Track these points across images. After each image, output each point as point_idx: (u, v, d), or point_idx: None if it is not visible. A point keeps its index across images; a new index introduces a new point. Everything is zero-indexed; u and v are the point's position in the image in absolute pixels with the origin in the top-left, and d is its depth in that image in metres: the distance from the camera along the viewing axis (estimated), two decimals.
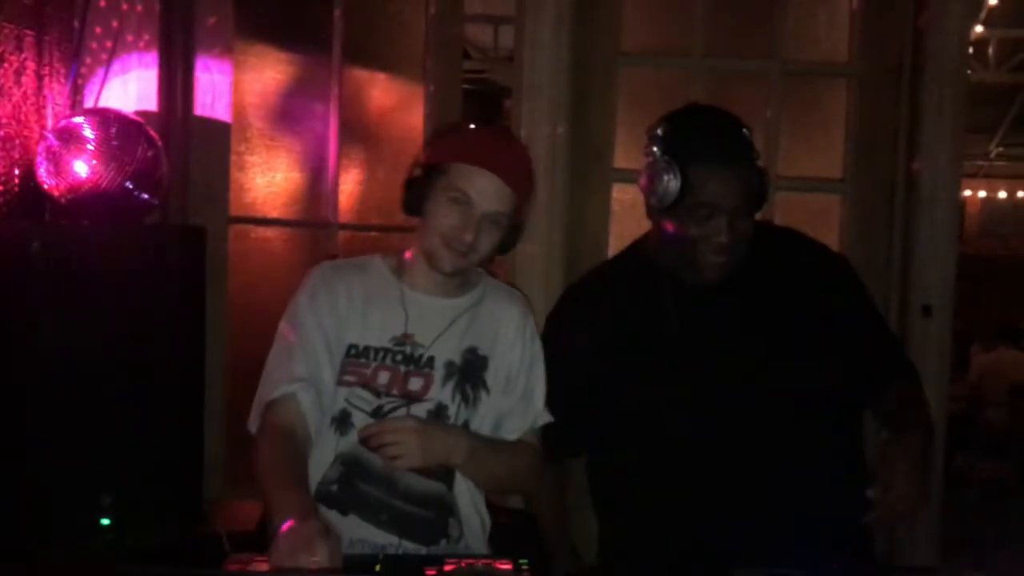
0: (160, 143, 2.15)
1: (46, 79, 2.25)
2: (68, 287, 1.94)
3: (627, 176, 2.81)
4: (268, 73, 2.89)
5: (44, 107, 2.24)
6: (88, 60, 2.32)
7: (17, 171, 2.13)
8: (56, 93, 2.29)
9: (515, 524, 1.88)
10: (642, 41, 2.97)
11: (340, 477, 1.68)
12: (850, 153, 2.96)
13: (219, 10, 2.61)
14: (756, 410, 1.78)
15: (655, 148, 1.77)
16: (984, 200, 13.04)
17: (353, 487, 1.67)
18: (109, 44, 2.32)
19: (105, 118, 2.08)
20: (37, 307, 1.94)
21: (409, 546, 1.65)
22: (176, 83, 2.53)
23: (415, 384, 1.69)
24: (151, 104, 2.40)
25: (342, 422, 1.69)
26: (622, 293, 1.92)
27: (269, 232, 2.94)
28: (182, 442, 2.09)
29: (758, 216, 1.86)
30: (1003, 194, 13.01)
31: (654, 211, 1.82)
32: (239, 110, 2.77)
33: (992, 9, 6.56)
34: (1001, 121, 9.69)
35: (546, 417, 1.78)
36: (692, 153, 1.73)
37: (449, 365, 1.71)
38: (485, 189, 1.66)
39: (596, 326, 1.89)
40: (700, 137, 1.78)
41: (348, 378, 1.70)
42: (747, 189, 1.76)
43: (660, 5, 3.11)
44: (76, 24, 2.32)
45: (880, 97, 2.93)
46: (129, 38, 2.36)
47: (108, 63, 2.31)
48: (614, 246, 2.81)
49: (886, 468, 1.65)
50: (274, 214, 2.94)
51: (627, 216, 2.88)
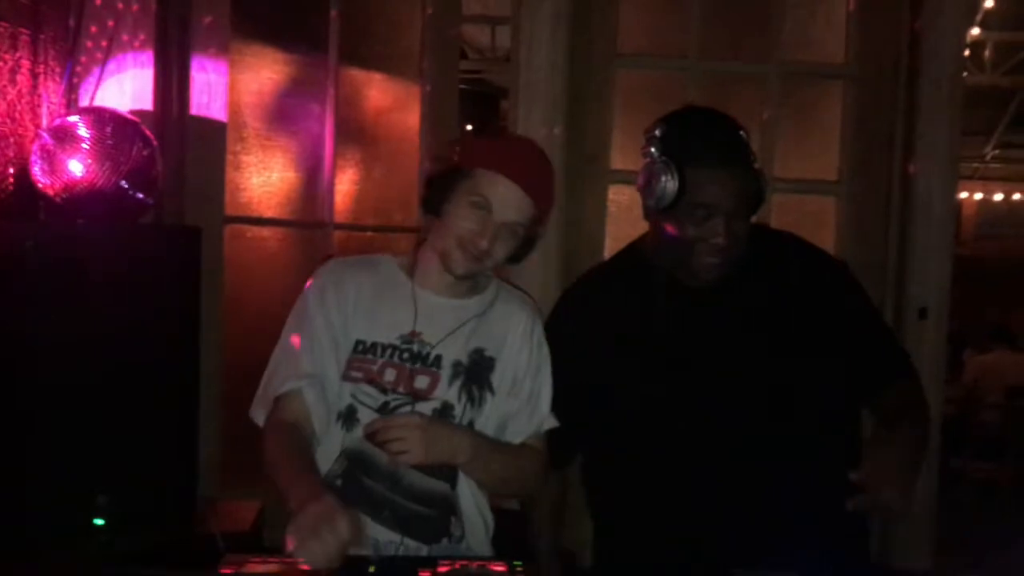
0: (155, 142, 2.14)
1: (41, 78, 2.25)
2: (62, 287, 1.93)
3: (623, 177, 2.82)
4: (264, 73, 2.89)
5: (39, 106, 2.24)
6: (84, 59, 2.31)
7: (11, 170, 2.12)
8: (51, 92, 2.28)
9: (506, 524, 1.87)
10: (638, 43, 2.98)
11: (344, 472, 1.68)
12: (846, 155, 2.97)
13: (215, 9, 2.61)
14: (752, 411, 1.78)
15: (653, 149, 1.77)
16: (980, 202, 13.04)
17: (357, 482, 1.67)
18: (105, 43, 2.31)
19: (100, 117, 2.07)
20: (31, 306, 1.92)
21: (411, 544, 1.65)
22: (172, 82, 2.53)
23: (421, 382, 1.69)
24: (147, 103, 2.39)
25: (348, 418, 1.69)
26: (618, 294, 1.92)
27: (264, 232, 2.94)
28: (177, 442, 2.09)
29: (754, 218, 1.86)
30: (999, 196, 13.01)
31: (651, 212, 1.82)
32: (235, 109, 2.77)
33: (988, 12, 6.57)
34: (997, 123, 9.69)
35: (551, 422, 1.78)
36: (690, 154, 1.73)
37: (456, 365, 1.71)
38: (507, 198, 1.67)
39: (592, 327, 1.89)
40: (698, 138, 1.77)
41: (355, 374, 1.70)
42: (744, 191, 1.76)
43: (656, 7, 3.11)
44: (72, 23, 2.31)
45: (876, 99, 2.94)
46: (125, 37, 2.35)
47: (104, 62, 2.30)
48: (610, 247, 2.81)
49: (872, 457, 1.66)
50: (270, 214, 2.93)
51: (623, 217, 2.88)
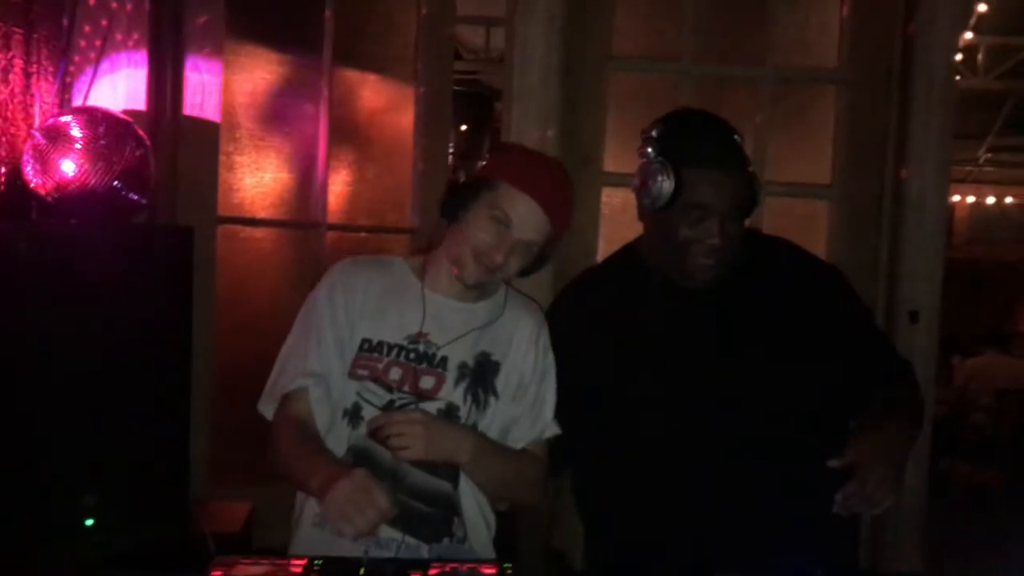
0: (148, 143, 2.13)
1: (34, 77, 2.24)
2: (54, 287, 1.92)
3: (616, 180, 2.83)
4: (258, 73, 2.88)
5: (32, 105, 2.23)
6: (77, 58, 2.30)
7: (3, 169, 2.11)
8: (44, 91, 2.27)
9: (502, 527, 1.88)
10: (632, 46, 2.98)
11: None
12: (839, 159, 2.98)
13: (210, 9, 2.60)
14: (745, 412, 1.78)
15: (649, 149, 1.78)
16: (973, 205, 13.09)
17: None
18: (98, 43, 2.30)
19: (93, 117, 2.07)
20: (22, 306, 1.92)
21: (411, 542, 1.66)
22: (165, 82, 2.52)
23: (427, 382, 1.70)
24: (140, 103, 2.38)
25: (354, 415, 1.71)
26: (612, 295, 1.92)
27: (257, 232, 2.93)
28: (168, 442, 2.08)
29: (747, 223, 1.87)
30: (992, 200, 13.06)
31: (647, 213, 1.83)
32: (229, 110, 2.76)
33: (982, 16, 6.59)
34: (990, 127, 9.73)
35: (554, 429, 1.79)
36: (686, 155, 1.74)
37: (462, 367, 1.72)
38: (527, 216, 1.68)
39: (586, 328, 1.89)
40: (695, 139, 1.78)
41: (360, 372, 1.71)
42: (739, 193, 1.77)
43: (650, 10, 3.12)
44: (65, 22, 2.30)
45: (869, 104, 2.94)
46: (118, 37, 2.35)
47: (97, 62, 2.29)
48: (603, 249, 2.81)
49: (855, 444, 1.66)
50: (263, 214, 2.93)
51: (616, 220, 2.88)
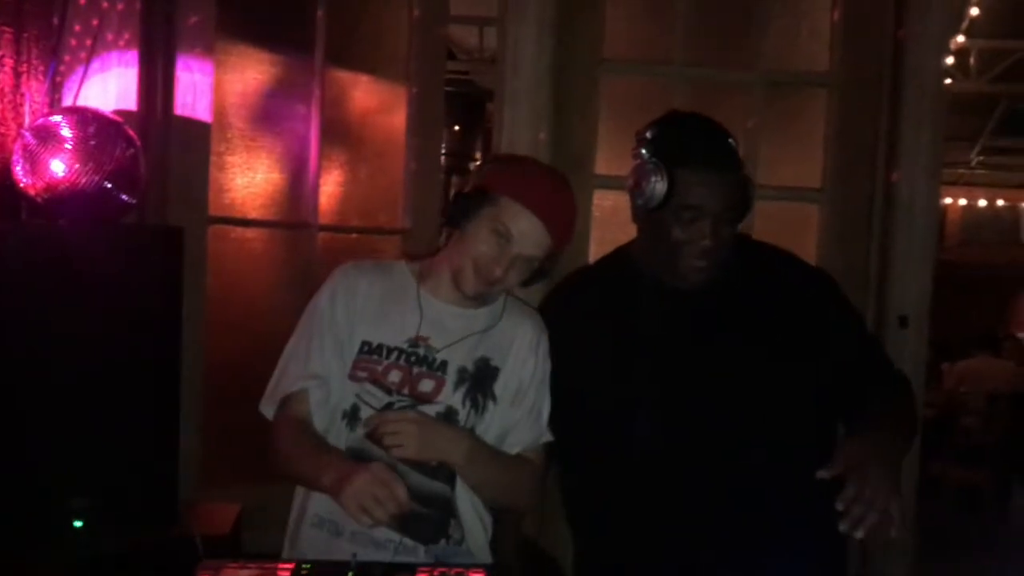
0: (139, 143, 2.13)
1: (24, 76, 2.23)
2: (44, 287, 1.92)
3: (608, 183, 2.82)
4: (250, 73, 2.88)
5: (21, 105, 2.22)
6: (67, 58, 2.29)
7: None
8: (34, 91, 2.26)
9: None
10: (624, 49, 2.98)
11: None
12: (829, 163, 2.98)
13: (201, 9, 2.59)
14: (736, 415, 1.78)
15: (643, 150, 1.78)
16: (965, 208, 13.14)
17: None
18: (89, 42, 2.29)
19: (83, 117, 2.06)
20: (12, 307, 1.92)
21: (408, 543, 1.67)
22: (156, 82, 2.51)
23: (426, 385, 1.71)
24: (130, 103, 2.38)
25: (352, 417, 1.72)
26: (603, 296, 1.93)
27: (248, 233, 2.93)
28: (157, 443, 2.07)
29: (739, 227, 1.87)
30: (983, 202, 13.12)
31: (640, 213, 1.83)
32: (220, 110, 2.75)
33: (974, 20, 6.61)
34: (982, 130, 9.78)
35: (548, 436, 1.80)
36: (680, 156, 1.75)
37: (461, 371, 1.73)
38: (529, 232, 1.68)
39: (576, 329, 1.88)
40: (689, 141, 1.79)
41: (360, 374, 1.73)
42: (732, 195, 1.78)
43: (642, 14, 3.11)
44: (55, 21, 2.29)
45: (860, 108, 2.95)
46: (109, 36, 2.34)
47: (87, 61, 2.28)
48: (595, 252, 2.81)
49: (845, 449, 1.66)
50: (254, 215, 2.92)
51: (608, 222, 2.88)
